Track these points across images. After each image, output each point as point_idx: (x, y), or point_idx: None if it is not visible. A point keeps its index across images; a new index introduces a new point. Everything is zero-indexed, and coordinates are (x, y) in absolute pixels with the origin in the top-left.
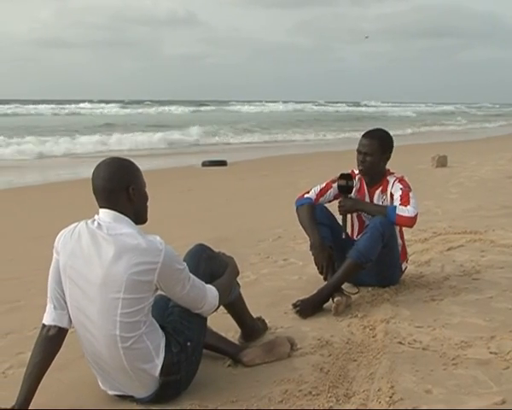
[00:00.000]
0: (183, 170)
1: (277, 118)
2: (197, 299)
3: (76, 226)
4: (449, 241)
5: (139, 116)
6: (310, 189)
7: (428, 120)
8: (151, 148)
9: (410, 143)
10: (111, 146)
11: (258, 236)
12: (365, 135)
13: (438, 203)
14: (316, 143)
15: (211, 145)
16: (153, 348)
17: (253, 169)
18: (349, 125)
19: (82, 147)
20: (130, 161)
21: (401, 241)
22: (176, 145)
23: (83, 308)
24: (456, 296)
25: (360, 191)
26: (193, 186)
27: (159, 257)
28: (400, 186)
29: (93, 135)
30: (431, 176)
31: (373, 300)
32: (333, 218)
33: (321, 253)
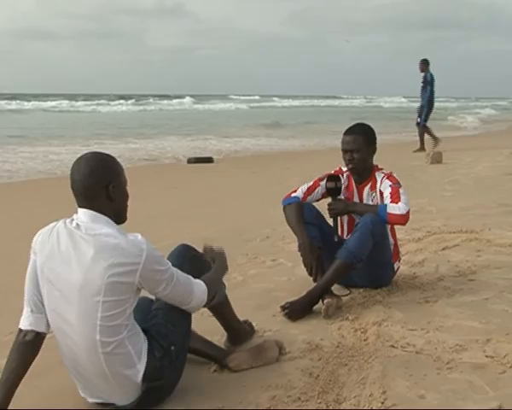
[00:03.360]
0: (168, 167)
1: (286, 117)
2: (184, 295)
3: (54, 226)
4: (444, 240)
5: (168, 114)
6: (297, 188)
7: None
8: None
9: (403, 140)
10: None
11: (245, 235)
12: (347, 132)
13: (432, 201)
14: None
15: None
16: (135, 353)
17: (241, 166)
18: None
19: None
20: (111, 157)
21: (393, 240)
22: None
23: (61, 312)
24: (451, 298)
25: (349, 189)
26: (178, 184)
27: (140, 257)
28: (389, 183)
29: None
30: (425, 173)
31: (364, 301)
32: (321, 217)
33: (310, 253)
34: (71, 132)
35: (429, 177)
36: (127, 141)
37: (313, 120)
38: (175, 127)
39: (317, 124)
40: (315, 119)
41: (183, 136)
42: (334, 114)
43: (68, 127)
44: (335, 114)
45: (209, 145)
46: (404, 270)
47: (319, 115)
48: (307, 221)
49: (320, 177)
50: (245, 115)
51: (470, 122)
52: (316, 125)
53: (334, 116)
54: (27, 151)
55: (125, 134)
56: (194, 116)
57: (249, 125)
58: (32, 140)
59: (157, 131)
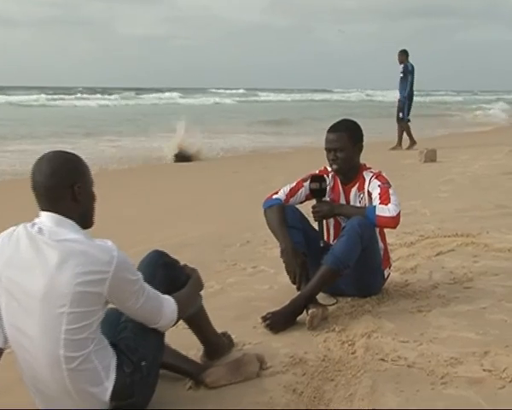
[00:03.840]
0: (144, 167)
1: (281, 113)
2: (153, 312)
3: (14, 231)
4: (438, 245)
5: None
6: (279, 189)
7: (418, 110)
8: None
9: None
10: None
11: (224, 240)
12: (330, 130)
13: (426, 203)
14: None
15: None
16: (102, 369)
17: (223, 165)
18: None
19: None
20: (75, 156)
21: (383, 244)
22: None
23: (21, 325)
24: (446, 307)
25: (334, 190)
26: (153, 185)
27: (110, 265)
28: (378, 183)
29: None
30: (418, 172)
31: (352, 311)
32: (305, 220)
33: (293, 259)
34: (50, 129)
35: (422, 176)
36: (109, 139)
37: (311, 115)
38: (161, 123)
39: (318, 120)
40: (312, 114)
41: (168, 132)
42: (331, 109)
43: (49, 124)
44: (332, 109)
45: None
46: (395, 277)
47: (316, 111)
48: (290, 225)
49: (303, 177)
50: (236, 111)
51: (499, 115)
52: (316, 121)
53: (332, 111)
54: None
55: (107, 131)
56: (182, 111)
57: (244, 121)
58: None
59: (140, 128)
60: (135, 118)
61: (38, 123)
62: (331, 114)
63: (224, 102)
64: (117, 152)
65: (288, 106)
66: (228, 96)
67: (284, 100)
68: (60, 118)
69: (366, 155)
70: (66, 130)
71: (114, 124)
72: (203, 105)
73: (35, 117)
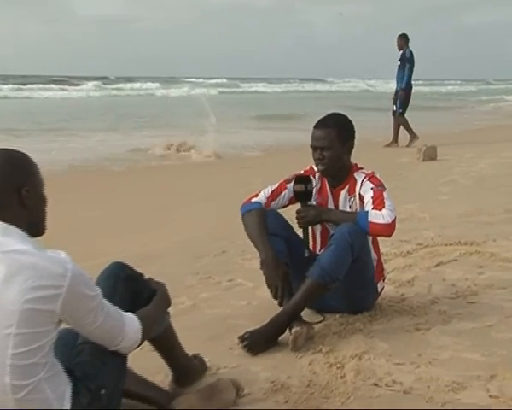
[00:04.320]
0: (105, 166)
1: (277, 106)
2: (113, 333)
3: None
4: (438, 254)
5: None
6: (258, 191)
7: (418, 102)
8: None
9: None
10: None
11: (196, 250)
12: (317, 125)
13: (424, 206)
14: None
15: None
16: (55, 399)
17: (197, 165)
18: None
19: None
20: (22, 154)
21: (376, 255)
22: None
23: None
24: (447, 325)
25: (322, 193)
26: (116, 186)
27: (64, 280)
28: (371, 185)
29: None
30: (416, 172)
31: (341, 330)
32: (289, 227)
33: (274, 271)
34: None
35: (421, 177)
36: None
37: (313, 108)
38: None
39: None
40: (314, 108)
41: (152, 129)
42: (332, 101)
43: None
44: (333, 101)
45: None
46: (389, 291)
47: (315, 103)
48: (271, 232)
49: (287, 178)
50: (227, 103)
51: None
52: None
53: (334, 103)
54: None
55: (70, 127)
56: (169, 103)
57: (243, 116)
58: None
59: (117, 125)
60: (123, 112)
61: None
62: (335, 106)
63: (208, 93)
64: (82, 150)
65: (281, 98)
66: (210, 87)
67: (274, 91)
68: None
69: (358, 154)
70: (21, 126)
71: (91, 119)
72: (184, 97)
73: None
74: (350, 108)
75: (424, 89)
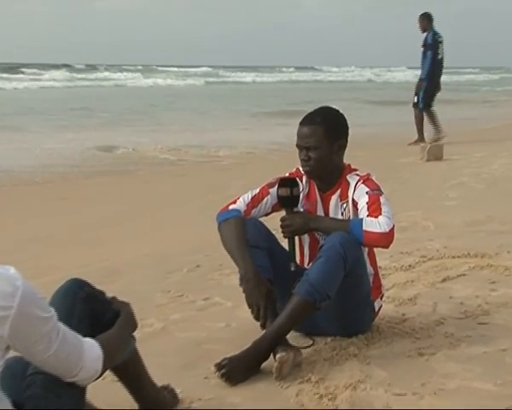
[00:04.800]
0: (55, 170)
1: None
2: (70, 361)
3: None
4: (444, 268)
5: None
6: (237, 197)
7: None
8: None
9: (391, 129)
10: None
11: (166, 265)
12: (303, 121)
13: (429, 213)
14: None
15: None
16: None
17: (166, 167)
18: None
19: None
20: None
21: (372, 269)
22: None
23: None
24: (455, 349)
25: (310, 198)
26: (69, 194)
27: (12, 299)
28: (366, 189)
29: None
30: (419, 174)
31: (333, 355)
32: (272, 238)
33: (256, 288)
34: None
35: (425, 179)
36: None
37: (322, 101)
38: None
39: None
40: (322, 100)
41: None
42: (344, 93)
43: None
44: (345, 93)
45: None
46: (388, 310)
47: (321, 95)
48: (252, 244)
49: (270, 181)
50: (222, 96)
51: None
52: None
53: (346, 95)
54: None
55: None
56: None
57: (249, 112)
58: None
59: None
60: (80, 106)
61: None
62: (348, 99)
63: (193, 83)
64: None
65: (277, 89)
66: (194, 77)
67: (268, 81)
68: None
69: (354, 153)
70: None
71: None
72: (170, 86)
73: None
74: (365, 101)
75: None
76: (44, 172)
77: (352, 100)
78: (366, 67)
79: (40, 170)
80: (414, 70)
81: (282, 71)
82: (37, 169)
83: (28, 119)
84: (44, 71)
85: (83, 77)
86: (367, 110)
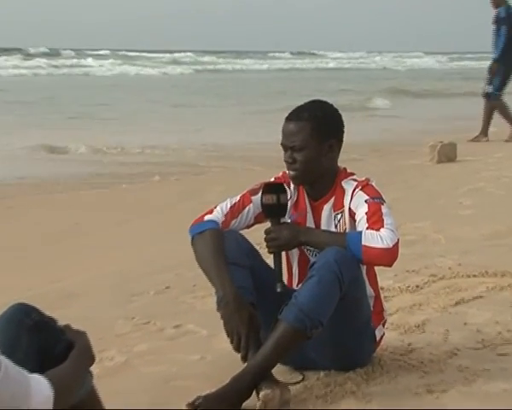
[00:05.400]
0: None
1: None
2: (14, 402)
3: None
4: (457, 289)
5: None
6: (214, 206)
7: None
8: None
9: (393, 126)
10: None
11: (130, 286)
12: (290, 116)
13: (440, 225)
14: None
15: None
16: None
17: (129, 170)
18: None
19: None
20: None
21: (373, 290)
22: None
23: None
24: (470, 385)
25: (298, 207)
26: (15, 204)
27: None
28: (365, 197)
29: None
30: (428, 178)
31: (327, 393)
32: (255, 254)
33: (236, 314)
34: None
35: (435, 184)
36: None
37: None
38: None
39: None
40: (341, 93)
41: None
42: (355, 83)
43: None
44: (358, 83)
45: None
46: (392, 339)
47: (332, 83)
48: (232, 261)
49: (252, 188)
50: (215, 88)
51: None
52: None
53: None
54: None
55: None
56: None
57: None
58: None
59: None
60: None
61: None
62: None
63: (181, 71)
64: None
65: (277, 78)
66: (178, 64)
67: (265, 70)
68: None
69: (350, 153)
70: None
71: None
72: (150, 76)
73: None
74: (402, 92)
75: (471, 63)
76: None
77: (389, 92)
78: (374, 52)
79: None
80: (432, 56)
81: (276, 57)
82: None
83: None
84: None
85: (40, 64)
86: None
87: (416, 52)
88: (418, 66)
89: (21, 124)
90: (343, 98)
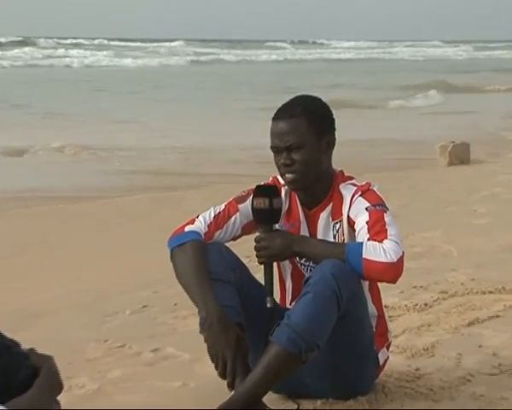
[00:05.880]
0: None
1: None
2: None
3: None
4: (471, 307)
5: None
6: (196, 215)
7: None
8: None
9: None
10: None
11: (103, 305)
12: (279, 115)
13: (451, 235)
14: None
15: None
16: None
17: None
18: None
19: None
20: None
21: (376, 309)
22: None
23: None
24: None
25: (291, 216)
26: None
27: None
28: (366, 204)
29: None
30: (438, 182)
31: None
32: (242, 268)
33: (221, 336)
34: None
35: (446, 190)
36: None
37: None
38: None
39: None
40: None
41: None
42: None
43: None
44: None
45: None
46: (397, 364)
47: (351, 77)
48: (216, 276)
49: (239, 195)
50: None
51: None
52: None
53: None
54: None
55: None
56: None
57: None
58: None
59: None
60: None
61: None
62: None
63: (177, 62)
64: None
65: (281, 71)
66: (176, 56)
67: (265, 60)
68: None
69: (349, 154)
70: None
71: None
72: (147, 66)
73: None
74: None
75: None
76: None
77: (429, 86)
78: (384, 42)
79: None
80: (453, 45)
81: (276, 47)
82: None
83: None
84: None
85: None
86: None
87: (434, 41)
88: (439, 56)
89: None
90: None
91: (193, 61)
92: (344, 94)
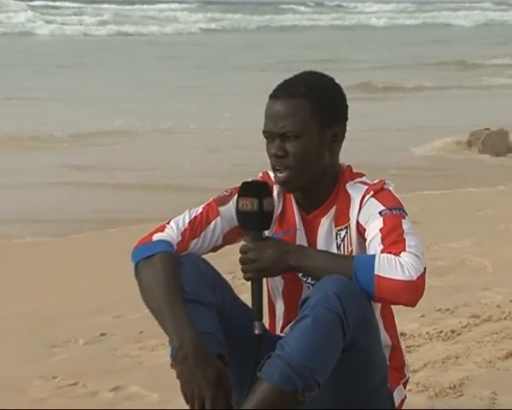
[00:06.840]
0: None
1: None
2: None
3: None
4: (509, 335)
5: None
6: (167, 221)
7: None
8: None
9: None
10: None
11: (51, 332)
12: (277, 93)
13: (484, 245)
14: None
15: None
16: None
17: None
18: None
19: None
20: None
21: (389, 338)
22: None
23: None
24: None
25: (285, 221)
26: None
27: None
28: (380, 207)
29: None
30: (468, 181)
31: None
32: (223, 286)
33: (197, 370)
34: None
35: (477, 190)
36: None
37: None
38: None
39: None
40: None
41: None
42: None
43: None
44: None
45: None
46: (417, 404)
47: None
48: (191, 297)
49: (220, 196)
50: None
51: None
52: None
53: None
54: None
55: None
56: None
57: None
58: None
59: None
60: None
61: None
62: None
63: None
64: None
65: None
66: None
67: (265, 27)
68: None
69: (353, 146)
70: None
71: None
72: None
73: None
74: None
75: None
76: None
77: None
78: (402, 2)
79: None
80: None
81: (283, 10)
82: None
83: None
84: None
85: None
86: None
87: (484, 3)
88: (497, 21)
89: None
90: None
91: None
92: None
